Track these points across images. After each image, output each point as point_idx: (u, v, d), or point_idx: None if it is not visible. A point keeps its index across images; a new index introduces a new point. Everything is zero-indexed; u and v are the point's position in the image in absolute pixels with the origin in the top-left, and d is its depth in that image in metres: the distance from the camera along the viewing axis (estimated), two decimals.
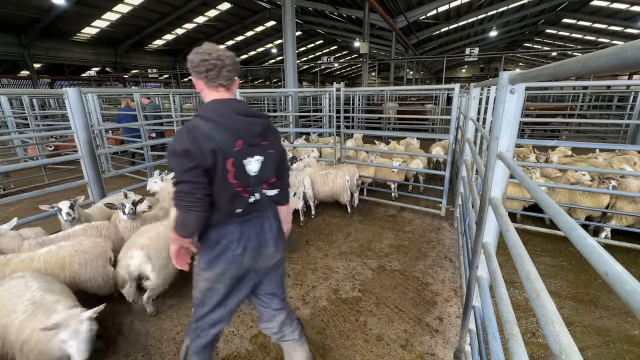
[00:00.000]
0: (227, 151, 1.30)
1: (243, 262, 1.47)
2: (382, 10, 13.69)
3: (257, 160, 1.41)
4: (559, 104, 11.99)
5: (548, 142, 3.90)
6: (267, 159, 1.44)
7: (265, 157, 1.43)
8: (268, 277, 1.64)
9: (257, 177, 1.42)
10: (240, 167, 1.35)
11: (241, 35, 23.79)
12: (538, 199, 0.89)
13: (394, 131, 10.90)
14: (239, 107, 1.38)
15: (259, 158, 1.41)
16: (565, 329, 0.66)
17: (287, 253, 1.99)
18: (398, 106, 12.26)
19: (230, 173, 1.32)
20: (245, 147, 1.36)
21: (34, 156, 6.79)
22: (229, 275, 1.47)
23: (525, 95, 3.35)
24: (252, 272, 1.54)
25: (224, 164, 1.30)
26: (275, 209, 1.61)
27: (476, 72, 41.20)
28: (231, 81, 1.39)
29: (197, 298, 1.54)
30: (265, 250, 1.52)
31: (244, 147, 1.35)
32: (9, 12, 13.83)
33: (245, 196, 1.40)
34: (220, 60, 1.33)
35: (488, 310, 1.44)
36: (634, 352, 2.19)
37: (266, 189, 1.49)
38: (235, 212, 1.40)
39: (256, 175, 1.42)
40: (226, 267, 1.45)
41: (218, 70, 1.34)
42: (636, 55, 0.49)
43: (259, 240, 1.49)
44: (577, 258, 3.31)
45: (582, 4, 17.75)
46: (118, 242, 2.75)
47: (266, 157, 1.44)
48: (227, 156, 1.31)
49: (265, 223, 1.52)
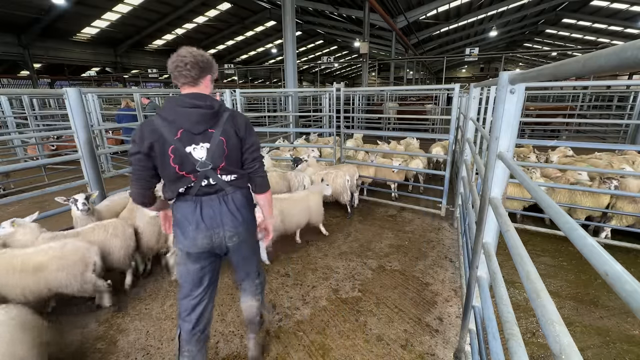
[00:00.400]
0: (168, 139, 1.45)
1: (197, 240, 1.59)
2: (382, 10, 13.70)
3: (201, 147, 1.52)
4: (559, 104, 11.99)
5: (548, 142, 3.91)
6: (214, 146, 1.53)
7: (212, 144, 1.53)
8: (233, 258, 1.80)
9: (206, 162, 1.53)
10: (181, 153, 1.48)
11: (241, 35, 23.78)
12: (538, 199, 0.89)
13: (394, 131, 10.91)
14: (184, 100, 1.48)
15: (203, 145, 1.52)
16: (565, 329, 0.66)
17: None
18: (398, 106, 12.26)
19: (170, 158, 1.47)
20: (186, 135, 1.48)
21: (34, 156, 6.79)
22: (192, 252, 1.62)
23: (525, 95, 3.35)
24: (210, 252, 1.66)
25: (164, 150, 1.46)
26: (244, 193, 1.70)
27: (476, 72, 41.20)
28: (193, 79, 1.49)
29: (179, 281, 1.72)
30: (220, 230, 1.62)
31: (184, 135, 1.47)
32: (9, 12, 13.83)
33: (193, 179, 1.55)
34: (180, 61, 1.45)
35: (488, 310, 1.44)
36: (634, 352, 2.19)
37: (220, 174, 1.60)
38: (178, 191, 1.56)
39: (204, 161, 1.53)
40: (185, 244, 1.60)
41: (179, 71, 1.47)
42: (636, 55, 0.50)
43: (213, 220, 1.60)
44: (577, 258, 3.31)
45: (582, 4, 17.75)
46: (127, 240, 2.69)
47: (214, 144, 1.53)
48: (168, 144, 1.46)
49: (222, 205, 1.62)
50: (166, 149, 1.46)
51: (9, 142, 7.37)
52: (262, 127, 10.17)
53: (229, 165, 1.60)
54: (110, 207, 3.21)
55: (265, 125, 11.07)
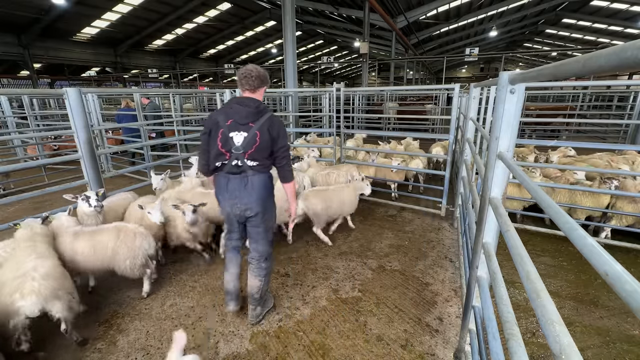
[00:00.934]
0: (221, 125, 2.05)
1: (226, 205, 2.24)
2: (382, 10, 13.70)
3: (240, 135, 2.06)
4: (559, 104, 11.99)
5: (548, 142, 3.90)
6: (249, 136, 2.05)
7: (248, 135, 2.05)
8: (250, 222, 2.31)
9: (240, 147, 2.06)
10: (226, 136, 2.06)
11: (241, 35, 23.78)
12: (538, 199, 0.89)
13: (394, 131, 10.91)
14: (241, 100, 2.08)
15: (242, 133, 2.05)
16: (565, 329, 0.66)
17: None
18: (398, 106, 12.26)
19: (218, 138, 2.07)
20: (234, 124, 2.05)
21: (34, 156, 6.79)
22: (224, 207, 2.27)
23: (525, 95, 3.35)
24: (234, 214, 2.26)
25: (216, 133, 2.07)
26: (261, 178, 2.18)
27: (476, 72, 41.20)
28: (253, 87, 2.10)
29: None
30: (239, 202, 2.18)
31: (232, 124, 2.05)
32: (9, 12, 13.84)
33: (227, 157, 2.11)
34: (248, 73, 2.06)
35: (488, 310, 1.44)
36: (634, 352, 2.19)
37: (247, 158, 2.10)
38: (216, 165, 2.15)
39: (239, 145, 2.06)
40: (220, 203, 2.28)
41: (246, 80, 2.07)
42: (636, 55, 0.50)
43: (235, 193, 2.17)
44: (577, 258, 3.31)
45: (582, 4, 17.76)
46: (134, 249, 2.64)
47: (249, 135, 2.05)
48: (220, 128, 2.06)
49: (243, 183, 2.15)
50: (217, 131, 2.06)
51: (9, 142, 7.37)
52: None
53: (255, 154, 2.09)
54: (112, 207, 3.22)
55: None
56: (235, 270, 2.43)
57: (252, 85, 2.07)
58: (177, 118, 5.68)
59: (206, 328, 2.42)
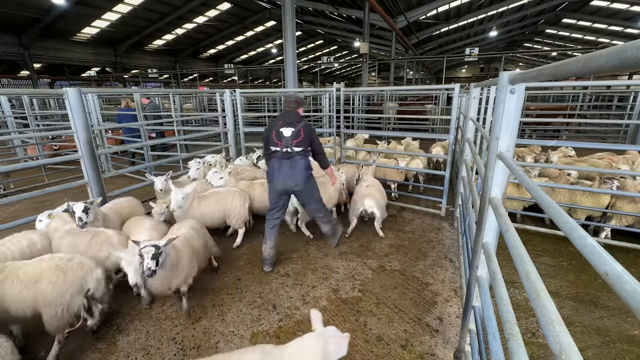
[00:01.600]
0: (275, 126, 2.98)
1: (277, 184, 3.02)
2: (382, 10, 13.70)
3: (289, 130, 2.94)
4: (559, 104, 11.99)
5: (548, 142, 3.90)
6: (294, 131, 2.94)
7: (294, 130, 2.94)
8: (299, 196, 3.20)
9: (288, 138, 2.92)
10: (278, 131, 2.95)
11: (241, 35, 23.79)
12: (538, 199, 0.89)
13: (394, 131, 10.91)
14: (287, 111, 3.06)
15: (290, 129, 2.94)
16: (565, 329, 0.66)
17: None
18: (398, 106, 12.26)
19: (273, 134, 2.96)
20: (284, 124, 2.96)
21: (34, 156, 6.79)
22: (274, 188, 3.06)
23: (525, 95, 3.35)
24: (284, 191, 3.06)
25: (271, 131, 2.98)
26: (304, 161, 3.00)
27: (476, 72, 41.19)
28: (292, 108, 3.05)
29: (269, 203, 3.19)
30: (289, 180, 2.99)
31: (282, 124, 2.96)
32: (9, 12, 13.84)
33: (280, 145, 2.94)
34: (290, 98, 3.07)
35: (488, 310, 1.44)
36: (634, 352, 2.19)
37: (294, 146, 2.94)
38: (272, 151, 3.00)
39: (288, 137, 2.93)
40: (271, 184, 3.08)
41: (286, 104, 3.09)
42: (636, 55, 0.50)
43: (285, 174, 2.98)
44: (577, 258, 3.31)
45: (582, 4, 17.76)
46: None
47: (294, 130, 2.94)
48: (275, 128, 2.97)
49: (291, 165, 2.97)
50: (273, 130, 2.97)
51: (9, 142, 7.37)
52: (262, 127, 10.18)
53: (300, 143, 2.94)
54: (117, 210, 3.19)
55: (265, 125, 11.08)
56: (273, 243, 3.13)
57: (292, 107, 3.05)
58: (177, 118, 5.68)
59: (206, 328, 2.42)
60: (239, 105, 5.53)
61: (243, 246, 3.67)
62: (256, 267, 3.25)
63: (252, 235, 3.92)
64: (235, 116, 5.43)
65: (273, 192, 3.08)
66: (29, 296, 1.97)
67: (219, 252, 3.14)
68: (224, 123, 5.51)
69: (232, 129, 5.40)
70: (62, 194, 3.25)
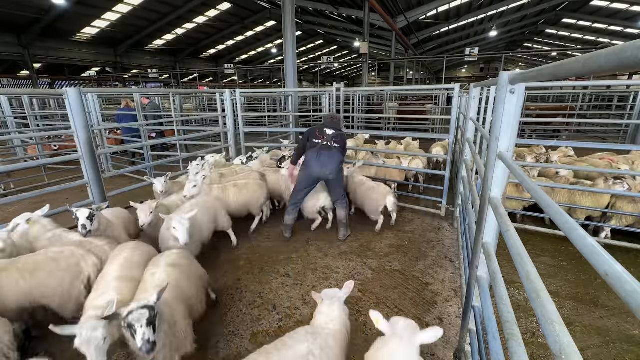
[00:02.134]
0: (319, 127, 3.64)
1: (314, 170, 3.49)
2: (382, 10, 13.70)
3: (331, 131, 3.55)
4: (559, 104, 11.99)
5: (548, 142, 3.90)
6: (334, 133, 3.56)
7: (334, 132, 3.56)
8: (330, 183, 3.64)
9: (330, 135, 3.54)
10: (322, 131, 3.56)
11: (241, 35, 23.79)
12: (538, 199, 0.89)
13: (394, 131, 10.91)
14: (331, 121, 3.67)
15: (332, 131, 3.56)
16: (565, 329, 0.66)
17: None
18: (398, 106, 12.26)
19: (317, 132, 3.59)
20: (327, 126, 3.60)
21: (34, 156, 6.79)
22: (308, 174, 3.55)
23: (525, 95, 3.34)
24: (317, 177, 3.56)
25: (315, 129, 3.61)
26: (339, 155, 3.53)
27: (476, 72, 41.19)
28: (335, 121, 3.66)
29: (296, 185, 3.71)
30: (325, 168, 3.46)
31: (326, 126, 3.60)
32: (9, 12, 13.84)
33: (322, 139, 3.53)
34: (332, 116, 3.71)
35: (488, 310, 1.44)
36: (634, 352, 2.19)
37: (333, 142, 3.52)
38: (314, 142, 3.55)
39: (330, 135, 3.54)
40: (307, 170, 3.54)
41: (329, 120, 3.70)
42: (636, 55, 0.50)
43: (323, 161, 3.46)
44: (577, 258, 3.31)
45: (582, 4, 17.76)
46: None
47: (334, 132, 3.56)
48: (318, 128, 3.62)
49: (330, 156, 3.47)
50: (317, 129, 3.61)
51: (9, 142, 7.37)
52: (262, 127, 10.18)
53: (337, 141, 3.55)
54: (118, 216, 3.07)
55: (265, 125, 11.07)
56: (294, 216, 3.77)
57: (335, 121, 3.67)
58: (177, 118, 5.68)
59: (206, 328, 2.42)
60: (239, 105, 5.53)
61: (243, 246, 3.67)
62: (256, 267, 3.25)
63: (252, 236, 3.92)
64: (235, 116, 5.43)
65: (306, 176, 3.56)
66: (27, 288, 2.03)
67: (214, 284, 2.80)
68: (224, 123, 5.51)
69: (232, 129, 5.40)
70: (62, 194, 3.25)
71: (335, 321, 1.71)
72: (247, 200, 3.76)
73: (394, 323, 1.49)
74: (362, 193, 4.01)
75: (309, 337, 1.59)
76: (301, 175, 3.63)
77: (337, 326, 1.69)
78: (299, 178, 3.64)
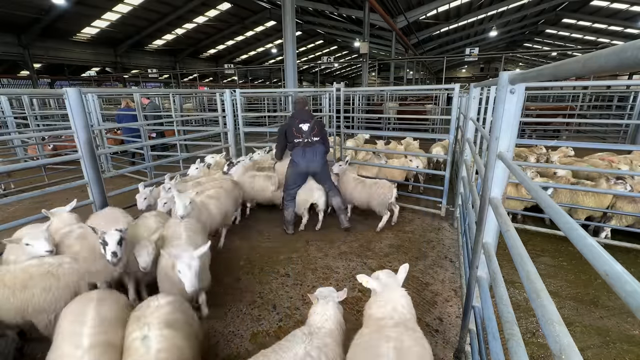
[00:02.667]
0: (295, 124, 3.74)
1: (301, 166, 3.75)
2: (382, 10, 13.70)
3: (306, 125, 3.71)
4: (559, 104, 11.99)
5: (548, 142, 3.90)
6: (310, 125, 3.72)
7: (310, 125, 3.72)
8: (317, 177, 3.90)
9: (307, 131, 3.71)
10: (298, 128, 3.71)
11: (241, 35, 23.79)
12: (538, 199, 0.89)
13: (394, 131, 10.91)
14: (301, 110, 3.84)
15: (307, 124, 3.72)
16: (565, 329, 0.66)
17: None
18: (398, 106, 12.25)
19: (294, 130, 3.72)
20: (301, 121, 3.72)
21: (34, 156, 6.78)
22: (297, 171, 3.79)
23: (525, 95, 3.34)
24: (305, 172, 3.82)
25: (291, 127, 3.74)
26: (322, 147, 3.78)
27: (476, 72, 41.19)
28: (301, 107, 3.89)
29: (286, 181, 3.91)
30: (311, 163, 3.74)
31: (300, 121, 3.72)
32: (9, 12, 13.83)
33: (301, 138, 3.71)
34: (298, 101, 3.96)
35: (488, 310, 1.44)
36: (634, 352, 2.19)
37: (313, 137, 3.73)
38: (296, 143, 3.73)
39: (306, 130, 3.71)
40: (295, 167, 3.77)
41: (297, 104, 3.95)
42: (636, 55, 0.50)
43: (309, 158, 3.72)
44: (577, 258, 3.31)
45: (582, 4, 17.75)
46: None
47: (310, 125, 3.72)
48: (295, 125, 3.73)
49: (313, 151, 3.73)
50: (292, 127, 3.72)
51: (9, 142, 7.37)
52: (262, 127, 10.17)
53: (316, 134, 3.74)
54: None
55: (265, 125, 11.07)
56: (293, 208, 3.91)
57: (300, 106, 3.86)
58: (177, 118, 5.68)
59: (205, 328, 2.42)
60: (238, 105, 5.53)
61: (243, 246, 3.67)
62: (256, 267, 3.25)
63: (252, 237, 3.92)
64: (235, 116, 5.43)
65: (295, 173, 3.80)
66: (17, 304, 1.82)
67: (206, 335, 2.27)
68: (224, 123, 5.51)
69: (232, 129, 5.40)
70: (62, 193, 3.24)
71: (330, 320, 1.71)
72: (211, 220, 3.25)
73: (376, 277, 1.82)
74: (365, 190, 3.98)
75: (305, 337, 1.59)
76: (290, 172, 3.84)
77: (332, 325, 1.70)
78: (288, 175, 3.85)
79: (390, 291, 1.70)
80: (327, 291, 1.89)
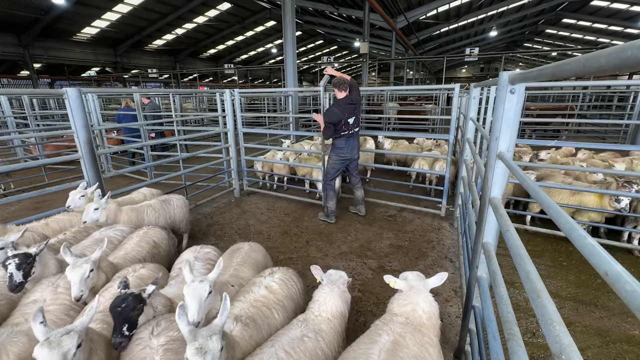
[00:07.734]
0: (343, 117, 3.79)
1: (345, 154, 4.00)
2: (382, 10, 13.69)
3: (352, 118, 3.87)
4: (559, 104, 11.98)
5: (548, 142, 3.90)
6: (355, 119, 3.93)
7: (354, 117, 3.90)
8: (352, 164, 4.16)
9: (352, 124, 3.90)
10: (346, 121, 3.82)
11: (241, 35, 23.78)
12: (538, 199, 0.89)
13: (394, 131, 10.90)
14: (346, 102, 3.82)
15: (353, 118, 3.88)
16: (565, 329, 0.66)
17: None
18: (398, 106, 12.25)
19: (343, 123, 3.81)
20: (349, 116, 3.84)
21: (34, 156, 6.78)
22: (341, 158, 4.02)
23: (525, 95, 3.34)
24: (348, 160, 4.06)
25: (342, 121, 3.79)
26: (358, 134, 4.07)
27: (476, 72, 41.20)
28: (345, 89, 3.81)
29: (329, 167, 4.12)
30: (353, 151, 4.03)
31: (348, 116, 3.83)
32: (9, 12, 13.83)
33: (346, 129, 3.87)
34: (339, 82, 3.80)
35: (488, 310, 1.44)
36: (634, 352, 2.19)
37: (354, 129, 3.95)
38: (342, 134, 3.89)
39: (351, 123, 3.88)
40: (340, 154, 4.01)
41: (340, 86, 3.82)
42: (636, 55, 0.50)
43: (352, 146, 4.01)
44: (577, 258, 3.31)
45: (582, 4, 17.75)
46: None
47: (355, 119, 3.92)
48: (343, 119, 3.80)
49: (354, 141, 4.02)
50: (342, 120, 3.79)
51: (9, 142, 7.37)
52: (261, 127, 10.16)
53: (356, 124, 3.96)
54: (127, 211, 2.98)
55: (265, 126, 11.06)
56: (336, 200, 4.26)
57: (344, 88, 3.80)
58: (177, 118, 5.68)
59: None
60: (238, 105, 5.52)
61: None
62: None
63: (252, 237, 3.92)
64: (235, 116, 5.43)
65: (340, 161, 4.02)
66: None
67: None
68: (223, 123, 5.51)
69: (231, 129, 5.40)
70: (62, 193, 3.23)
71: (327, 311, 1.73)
72: None
73: (404, 278, 1.84)
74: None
75: (300, 323, 1.64)
76: (334, 160, 4.05)
77: (329, 315, 1.72)
78: (333, 163, 4.06)
79: (414, 293, 1.72)
80: (336, 275, 1.92)
